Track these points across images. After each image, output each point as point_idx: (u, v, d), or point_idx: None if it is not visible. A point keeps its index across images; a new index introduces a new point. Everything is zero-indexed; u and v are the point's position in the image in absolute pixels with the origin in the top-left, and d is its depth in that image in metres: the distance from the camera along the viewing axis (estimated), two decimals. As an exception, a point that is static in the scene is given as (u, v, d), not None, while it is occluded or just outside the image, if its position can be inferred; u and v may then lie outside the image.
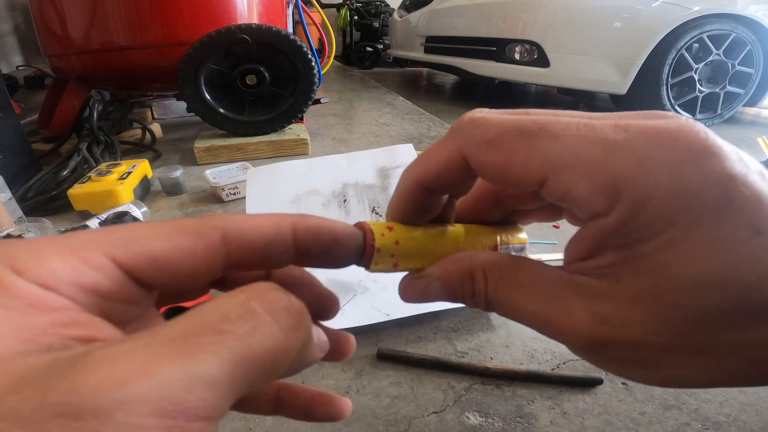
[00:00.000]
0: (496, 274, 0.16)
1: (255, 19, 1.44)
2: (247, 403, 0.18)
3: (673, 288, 0.12)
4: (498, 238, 0.19)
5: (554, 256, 0.75)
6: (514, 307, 0.15)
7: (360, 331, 0.59)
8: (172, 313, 0.17)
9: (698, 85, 1.88)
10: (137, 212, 0.88)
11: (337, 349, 0.17)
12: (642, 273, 0.12)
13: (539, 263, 0.15)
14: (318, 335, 0.14)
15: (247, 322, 0.10)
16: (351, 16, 4.62)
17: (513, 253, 0.20)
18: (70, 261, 0.11)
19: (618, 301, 0.13)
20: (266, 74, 1.38)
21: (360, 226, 0.16)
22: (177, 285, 0.13)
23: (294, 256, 0.14)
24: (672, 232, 0.12)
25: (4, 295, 0.10)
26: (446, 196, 0.18)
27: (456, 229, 0.19)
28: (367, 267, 0.16)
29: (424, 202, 0.17)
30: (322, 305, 0.18)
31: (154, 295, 0.13)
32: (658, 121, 0.13)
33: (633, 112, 0.14)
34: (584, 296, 0.13)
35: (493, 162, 0.14)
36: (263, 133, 1.44)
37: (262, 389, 0.18)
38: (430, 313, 0.61)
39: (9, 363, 0.09)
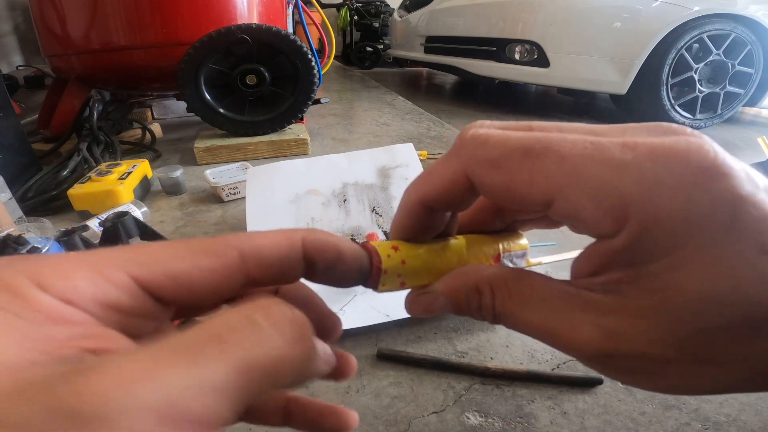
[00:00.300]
0: (503, 288, 0.16)
1: (255, 19, 1.44)
2: (256, 414, 0.18)
3: (680, 305, 0.12)
4: (500, 246, 0.20)
5: (555, 258, 0.75)
6: (522, 320, 0.15)
7: (360, 332, 0.59)
8: None
9: (698, 85, 1.88)
10: (137, 212, 0.88)
11: (339, 369, 0.18)
12: (649, 291, 0.13)
13: (545, 277, 0.15)
14: (323, 349, 0.14)
15: (252, 333, 0.11)
16: (351, 16, 4.62)
17: (515, 260, 0.20)
18: (92, 278, 0.11)
19: (624, 316, 0.13)
20: (266, 74, 1.38)
21: (365, 247, 0.17)
22: (196, 302, 0.13)
23: (305, 270, 0.15)
24: (680, 253, 0.12)
25: (27, 309, 0.10)
26: (448, 217, 0.18)
27: (459, 241, 0.19)
28: (375, 288, 0.17)
29: (427, 220, 0.17)
30: (326, 325, 0.18)
31: (171, 310, 0.14)
32: (666, 138, 0.13)
33: (639, 126, 0.14)
34: (591, 311, 0.14)
35: (498, 182, 0.14)
36: (263, 133, 1.44)
37: (270, 401, 0.19)
38: (430, 313, 0.61)
39: (24, 372, 0.09)
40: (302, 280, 0.16)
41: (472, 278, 0.16)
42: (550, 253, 0.77)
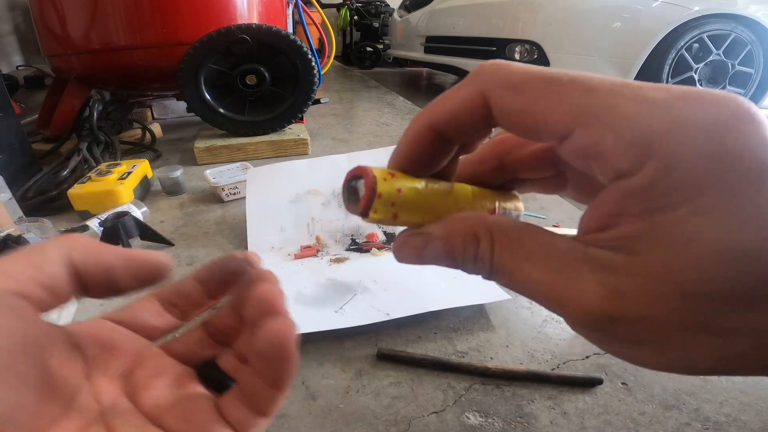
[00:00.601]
0: (503, 239, 0.15)
1: (255, 19, 1.44)
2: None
3: (700, 262, 0.11)
4: (496, 201, 0.19)
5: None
6: (521, 275, 0.14)
7: (360, 331, 0.59)
8: (205, 368, 0.19)
9: (698, 85, 1.88)
10: (137, 212, 0.88)
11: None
12: (665, 245, 0.12)
13: (549, 232, 0.14)
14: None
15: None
16: (351, 16, 4.62)
17: None
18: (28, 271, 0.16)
19: (635, 276, 0.12)
20: (266, 74, 1.38)
21: (360, 168, 0.15)
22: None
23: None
24: (706, 198, 0.11)
25: None
26: (453, 152, 0.17)
27: (458, 186, 0.18)
28: (366, 214, 0.15)
29: (432, 150, 0.16)
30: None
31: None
32: (700, 89, 0.12)
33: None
34: (598, 269, 0.13)
35: (517, 106, 0.14)
36: (263, 133, 1.44)
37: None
38: (430, 313, 0.61)
39: None
40: None
41: (472, 223, 0.15)
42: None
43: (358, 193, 0.16)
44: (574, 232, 0.14)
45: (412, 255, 0.16)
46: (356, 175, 0.16)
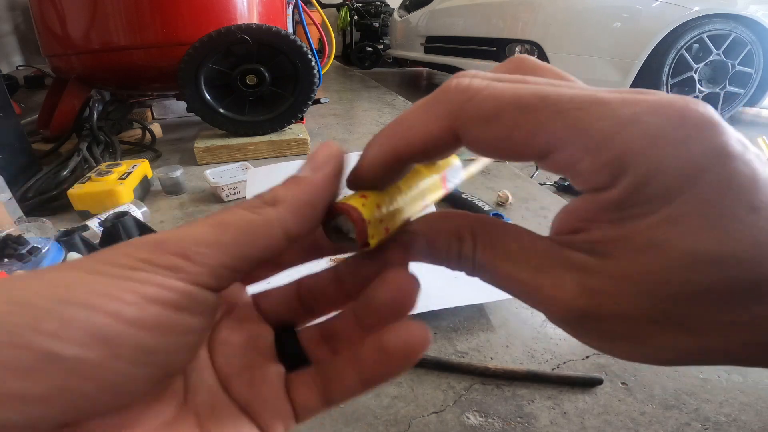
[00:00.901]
0: (485, 238, 0.15)
1: (255, 19, 1.44)
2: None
3: (667, 266, 0.12)
4: (442, 170, 0.20)
5: (477, 167, 0.74)
6: (503, 274, 0.15)
7: (360, 331, 0.59)
8: (284, 335, 0.18)
9: (698, 85, 1.88)
10: (137, 212, 0.88)
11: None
12: (636, 250, 0.12)
13: (529, 232, 0.15)
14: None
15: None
16: (351, 16, 4.62)
17: (455, 177, 0.20)
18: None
19: (607, 277, 0.13)
20: (266, 74, 1.37)
21: (339, 208, 0.16)
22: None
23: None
24: (673, 207, 0.12)
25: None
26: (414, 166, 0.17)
27: (412, 175, 0.18)
28: (367, 244, 0.16)
29: (399, 172, 0.17)
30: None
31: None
32: (663, 96, 0.13)
33: (631, 89, 0.14)
34: (574, 270, 0.13)
35: (490, 138, 0.14)
36: (263, 133, 1.44)
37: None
38: (430, 312, 0.61)
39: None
40: None
41: (455, 223, 0.16)
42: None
43: (342, 229, 0.16)
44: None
45: (398, 254, 0.17)
46: (335, 213, 0.16)
